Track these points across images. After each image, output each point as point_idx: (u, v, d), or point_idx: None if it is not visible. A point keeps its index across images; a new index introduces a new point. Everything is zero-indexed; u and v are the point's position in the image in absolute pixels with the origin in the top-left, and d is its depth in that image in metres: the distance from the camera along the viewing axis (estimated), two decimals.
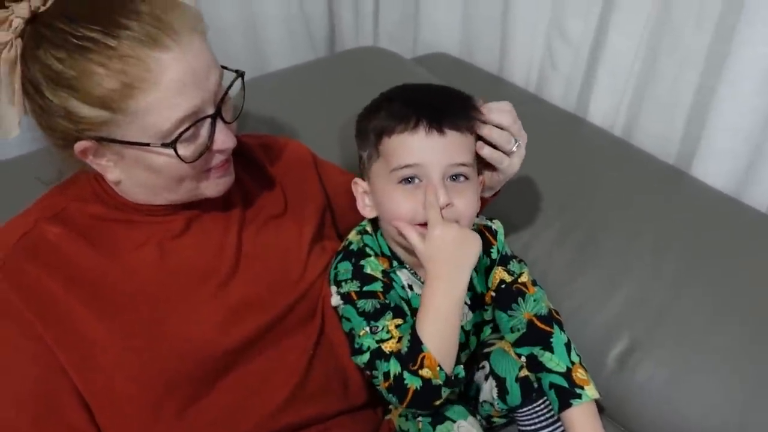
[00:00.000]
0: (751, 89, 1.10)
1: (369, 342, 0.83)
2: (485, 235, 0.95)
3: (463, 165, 0.84)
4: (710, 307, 1.02)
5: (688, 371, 0.98)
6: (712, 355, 0.98)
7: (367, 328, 0.84)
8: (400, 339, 0.82)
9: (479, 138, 0.88)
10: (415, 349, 0.79)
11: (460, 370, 0.83)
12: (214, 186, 0.83)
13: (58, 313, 0.77)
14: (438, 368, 0.78)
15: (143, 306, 0.80)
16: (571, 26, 1.36)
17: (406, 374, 0.79)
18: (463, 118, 0.85)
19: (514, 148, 0.90)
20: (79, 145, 0.74)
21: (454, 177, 0.84)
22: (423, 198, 0.82)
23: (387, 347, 0.82)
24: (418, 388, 0.79)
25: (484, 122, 0.87)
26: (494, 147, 0.89)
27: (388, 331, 0.83)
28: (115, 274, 0.80)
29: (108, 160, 0.77)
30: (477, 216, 0.95)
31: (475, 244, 0.82)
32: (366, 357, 0.84)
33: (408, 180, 0.83)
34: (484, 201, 0.97)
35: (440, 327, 0.80)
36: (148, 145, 0.73)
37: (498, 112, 0.88)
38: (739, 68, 1.10)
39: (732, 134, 1.16)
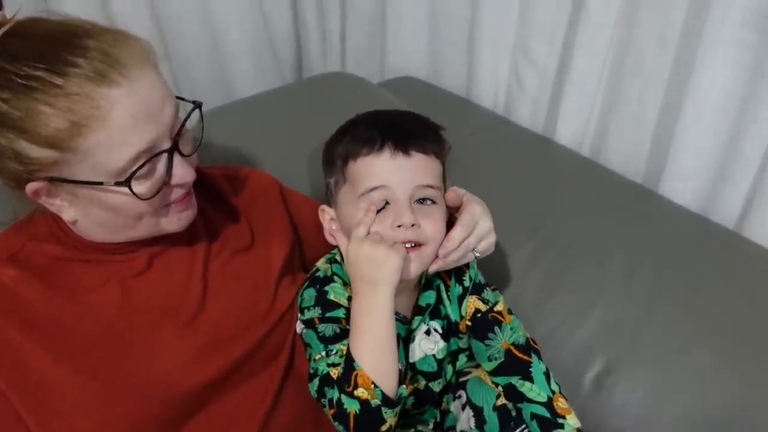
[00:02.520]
0: (713, 109, 1.12)
1: (322, 366, 0.81)
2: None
3: (430, 187, 0.84)
4: (684, 327, 1.02)
5: (664, 391, 0.98)
6: (688, 374, 0.98)
7: (323, 353, 0.82)
8: None
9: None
10: (348, 369, 0.77)
11: (403, 390, 0.80)
12: (175, 221, 0.81)
13: (13, 358, 0.74)
14: (373, 386, 0.76)
15: (105, 347, 0.77)
16: (536, 48, 1.37)
17: (344, 397, 0.76)
18: (429, 141, 0.85)
19: (477, 255, 0.90)
20: (31, 186, 0.71)
21: (421, 200, 0.84)
22: (390, 221, 0.81)
23: (335, 372, 0.80)
24: (358, 411, 0.76)
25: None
26: None
27: (341, 356, 0.81)
28: (74, 316, 0.77)
29: (62, 200, 0.74)
30: None
31: (391, 261, 0.79)
32: (317, 383, 0.81)
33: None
34: None
35: (369, 345, 0.77)
36: (101, 184, 0.71)
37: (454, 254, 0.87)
38: (702, 89, 1.11)
39: (697, 153, 1.17)
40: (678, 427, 0.96)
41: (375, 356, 0.77)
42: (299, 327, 0.88)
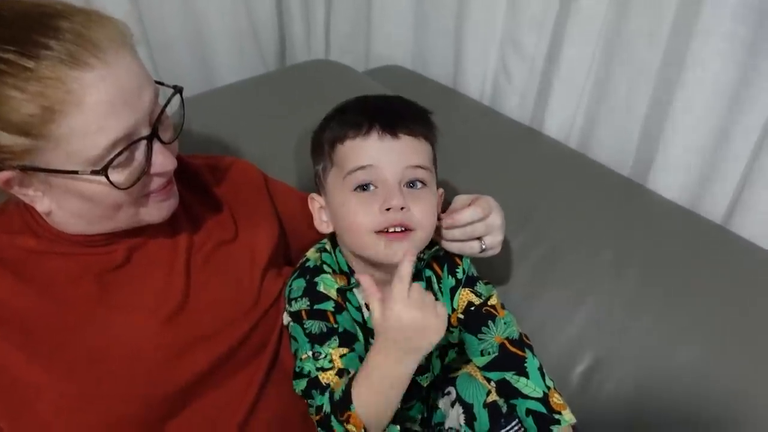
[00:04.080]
0: (703, 102, 1.11)
1: (310, 367, 0.80)
2: (450, 255, 0.93)
3: (420, 167, 0.82)
4: (672, 321, 1.01)
5: (652, 387, 0.98)
6: (676, 369, 0.98)
7: (310, 353, 0.80)
8: (340, 371, 0.79)
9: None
10: (344, 403, 0.75)
11: (396, 430, 0.79)
12: (156, 211, 0.78)
13: None
14: (363, 430, 0.75)
15: (81, 344, 0.74)
16: (525, 39, 1.36)
17: (333, 419, 0.76)
18: (418, 124, 0.84)
19: (483, 246, 0.90)
20: (2, 176, 0.68)
21: (411, 184, 0.82)
22: (379, 205, 0.79)
23: (324, 378, 0.78)
24: None
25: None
26: None
27: (330, 360, 0.79)
28: (49, 312, 0.74)
29: (35, 190, 0.71)
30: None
31: (435, 331, 0.72)
32: (303, 384, 0.80)
33: (363, 187, 0.80)
34: None
35: (375, 398, 0.74)
36: (76, 172, 0.67)
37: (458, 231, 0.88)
38: (692, 82, 1.10)
39: (686, 146, 1.17)
40: (666, 422, 0.96)
41: (376, 410, 0.75)
42: (286, 318, 0.86)
